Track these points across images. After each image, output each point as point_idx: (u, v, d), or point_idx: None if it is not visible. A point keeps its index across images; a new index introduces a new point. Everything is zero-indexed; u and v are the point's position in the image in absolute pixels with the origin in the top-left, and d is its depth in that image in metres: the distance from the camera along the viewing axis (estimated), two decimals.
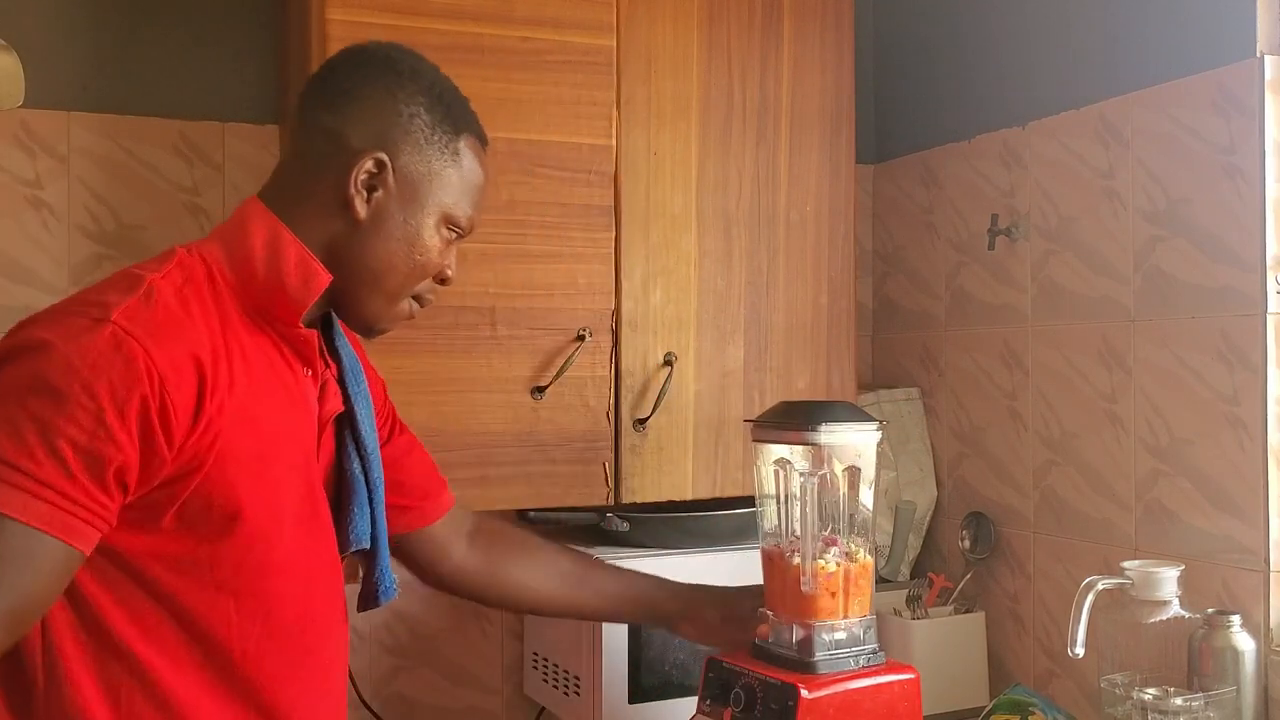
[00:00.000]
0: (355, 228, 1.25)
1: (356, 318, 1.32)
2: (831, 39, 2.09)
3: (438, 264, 1.31)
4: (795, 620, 1.65)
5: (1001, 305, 2.19)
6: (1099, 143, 1.98)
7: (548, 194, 1.86)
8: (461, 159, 1.30)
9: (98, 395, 1.04)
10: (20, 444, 1.02)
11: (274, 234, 1.23)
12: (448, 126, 1.29)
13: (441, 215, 1.29)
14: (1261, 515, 1.72)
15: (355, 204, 1.24)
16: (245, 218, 1.26)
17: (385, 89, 1.27)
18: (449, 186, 1.29)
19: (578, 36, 1.88)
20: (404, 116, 1.26)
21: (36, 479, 1.02)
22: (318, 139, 1.27)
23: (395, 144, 1.26)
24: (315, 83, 1.30)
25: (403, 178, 1.26)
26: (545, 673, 2.06)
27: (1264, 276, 1.71)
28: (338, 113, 1.26)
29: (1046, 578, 2.09)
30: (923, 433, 2.36)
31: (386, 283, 1.28)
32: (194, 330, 1.14)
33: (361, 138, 1.25)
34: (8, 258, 1.93)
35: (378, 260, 1.27)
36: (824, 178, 2.08)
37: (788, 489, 1.71)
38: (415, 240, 1.28)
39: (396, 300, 1.31)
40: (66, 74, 1.97)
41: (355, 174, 1.24)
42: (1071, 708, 1.99)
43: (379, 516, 1.40)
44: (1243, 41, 1.75)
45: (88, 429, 1.04)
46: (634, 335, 1.92)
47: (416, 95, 1.27)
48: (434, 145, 1.28)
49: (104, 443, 1.04)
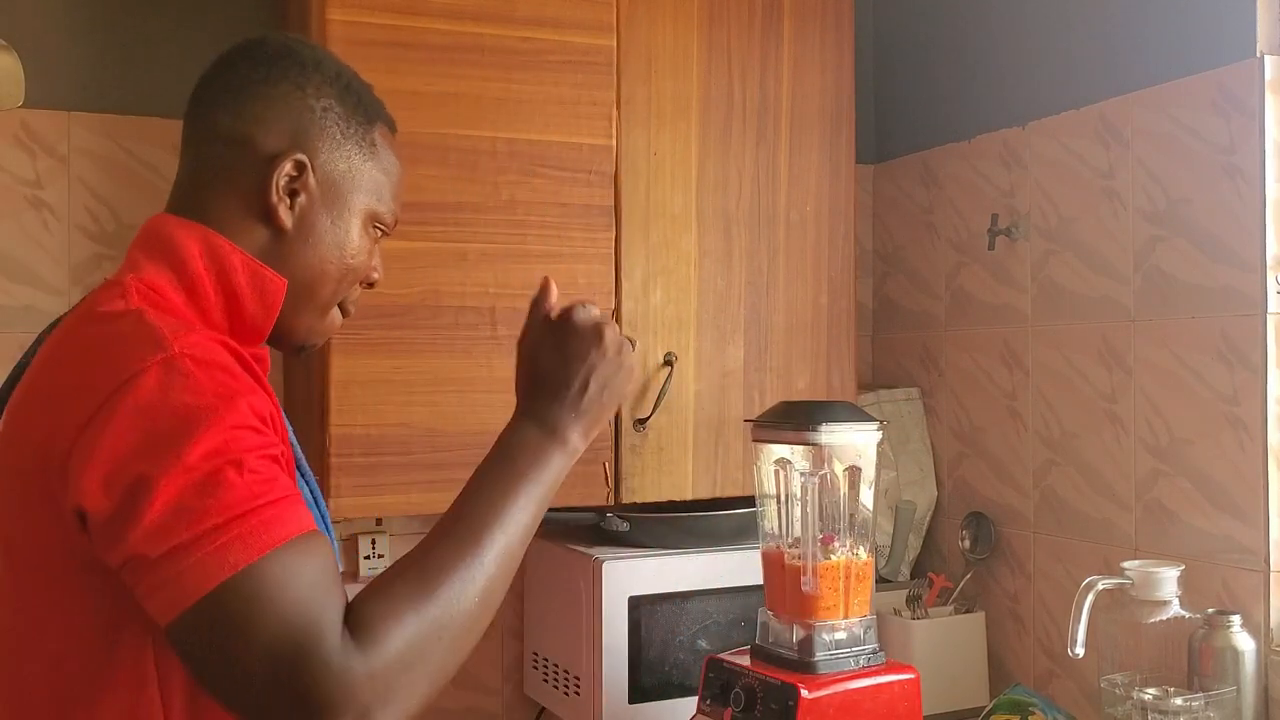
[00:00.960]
0: (280, 238, 1.15)
1: (287, 336, 1.20)
2: (831, 39, 2.09)
3: (367, 266, 1.23)
4: (795, 620, 1.65)
5: (1001, 305, 2.19)
6: (1099, 143, 1.98)
7: (548, 194, 1.87)
8: (379, 151, 1.21)
9: (242, 411, 0.98)
10: (229, 490, 0.95)
11: (210, 245, 1.12)
12: (361, 117, 1.20)
13: (367, 214, 1.20)
14: (1261, 515, 1.72)
15: (279, 212, 1.13)
16: (166, 234, 1.12)
17: (292, 83, 1.16)
18: (371, 182, 1.20)
19: (578, 36, 1.88)
20: (316, 112, 1.16)
21: (256, 504, 0.95)
22: (220, 145, 1.15)
23: (312, 142, 1.15)
24: (210, 83, 1.19)
25: (324, 178, 1.16)
26: (545, 673, 2.06)
27: (1264, 276, 1.71)
28: (242, 115, 1.15)
29: (1046, 578, 2.09)
30: (923, 433, 2.36)
31: (320, 293, 1.19)
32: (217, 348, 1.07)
33: (274, 139, 1.14)
34: (8, 258, 1.93)
35: (309, 270, 1.17)
36: (824, 178, 2.08)
37: (788, 489, 1.71)
38: (345, 243, 1.18)
39: (328, 311, 1.22)
40: (66, 74, 1.97)
41: (275, 180, 1.13)
42: (1071, 708, 1.99)
43: (334, 536, 1.38)
44: (1243, 41, 1.75)
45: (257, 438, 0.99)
46: (634, 335, 1.92)
47: (325, 87, 1.17)
48: (350, 139, 1.18)
49: (274, 444, 1.00)
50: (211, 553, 0.92)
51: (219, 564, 0.92)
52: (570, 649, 1.96)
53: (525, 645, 2.17)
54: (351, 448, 1.73)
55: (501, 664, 2.20)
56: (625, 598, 1.87)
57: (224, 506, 0.93)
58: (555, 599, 2.03)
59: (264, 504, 0.95)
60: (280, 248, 1.15)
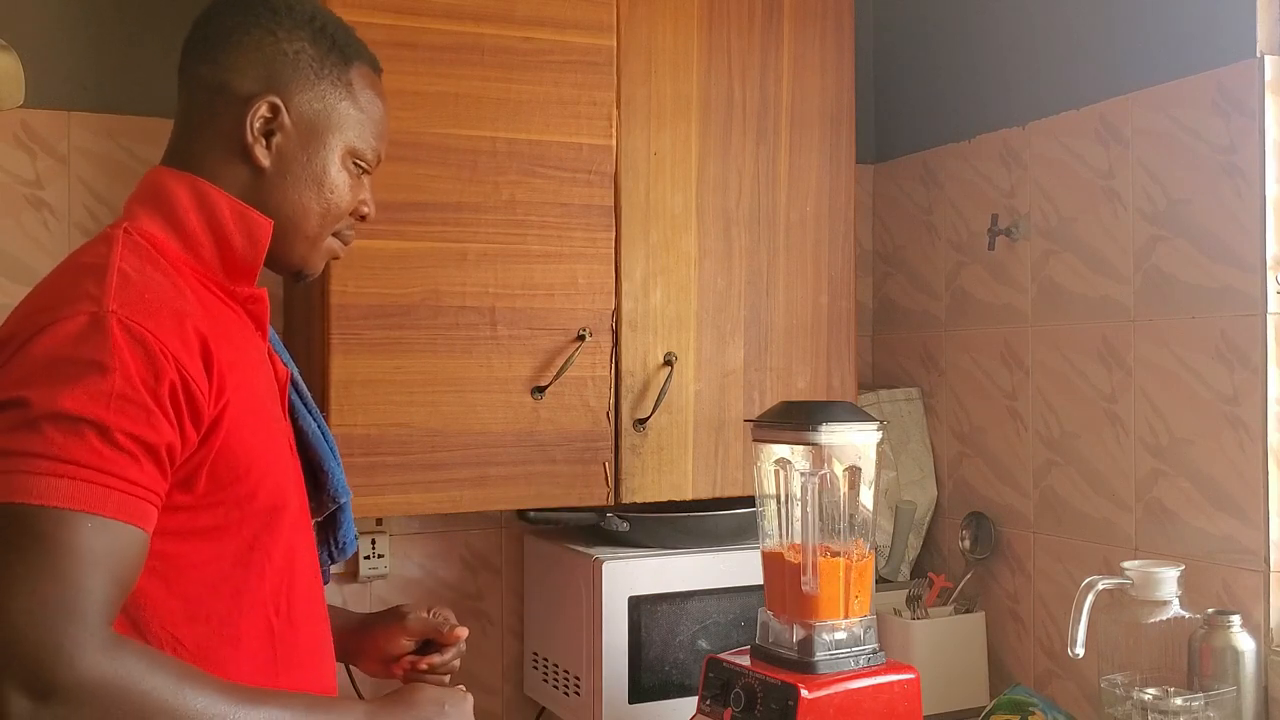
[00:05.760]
0: (261, 177, 1.23)
1: (284, 265, 1.29)
2: (831, 39, 2.09)
3: (350, 201, 1.29)
4: (795, 620, 1.65)
5: (1001, 305, 2.19)
6: (1099, 143, 1.98)
7: (548, 194, 1.87)
8: (356, 90, 1.27)
9: (138, 388, 1.04)
10: (83, 442, 1.01)
11: (198, 191, 1.21)
12: (336, 58, 1.26)
13: (345, 150, 1.26)
14: (1261, 515, 1.72)
15: (256, 152, 1.21)
16: (159, 185, 1.22)
17: (264, 29, 1.23)
18: (348, 120, 1.26)
19: (578, 36, 1.88)
20: (289, 55, 1.23)
21: (105, 471, 1.02)
22: (203, 94, 1.23)
23: (285, 85, 1.22)
24: (192, 36, 1.26)
25: (299, 118, 1.23)
26: (545, 673, 2.06)
27: (1264, 276, 1.71)
28: (219, 62, 1.22)
29: (1046, 578, 2.09)
30: (923, 433, 2.36)
31: (304, 227, 1.26)
32: (181, 301, 1.13)
33: (249, 84, 1.21)
34: (8, 257, 1.93)
35: (290, 205, 1.24)
36: (824, 178, 2.08)
37: (788, 489, 1.71)
38: (323, 180, 1.25)
39: (318, 242, 1.29)
40: (66, 74, 1.97)
41: (250, 122, 1.21)
42: (1071, 708, 1.99)
43: None
44: (1243, 41, 1.75)
45: (140, 420, 1.04)
46: (634, 335, 1.92)
47: (297, 30, 1.24)
48: (325, 80, 1.24)
49: (155, 429, 1.05)
50: (27, 474, 0.99)
51: (25, 487, 0.99)
52: (570, 649, 1.96)
53: (525, 645, 2.17)
54: (351, 448, 1.73)
55: (501, 664, 2.20)
56: (625, 598, 1.87)
57: (62, 449, 1.00)
58: (555, 599, 2.03)
59: (98, 470, 1.01)
60: (262, 186, 1.23)
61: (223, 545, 1.16)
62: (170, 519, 1.11)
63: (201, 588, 1.15)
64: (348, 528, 1.45)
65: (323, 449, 1.39)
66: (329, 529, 1.45)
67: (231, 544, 1.17)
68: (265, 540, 1.20)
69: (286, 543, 1.23)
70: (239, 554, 1.17)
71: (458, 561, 2.17)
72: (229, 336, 1.18)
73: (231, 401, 1.13)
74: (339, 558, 1.45)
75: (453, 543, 2.16)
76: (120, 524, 1.02)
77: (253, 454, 1.17)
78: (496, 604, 2.20)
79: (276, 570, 1.21)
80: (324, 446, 1.40)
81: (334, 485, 1.40)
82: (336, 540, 1.44)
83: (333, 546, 1.45)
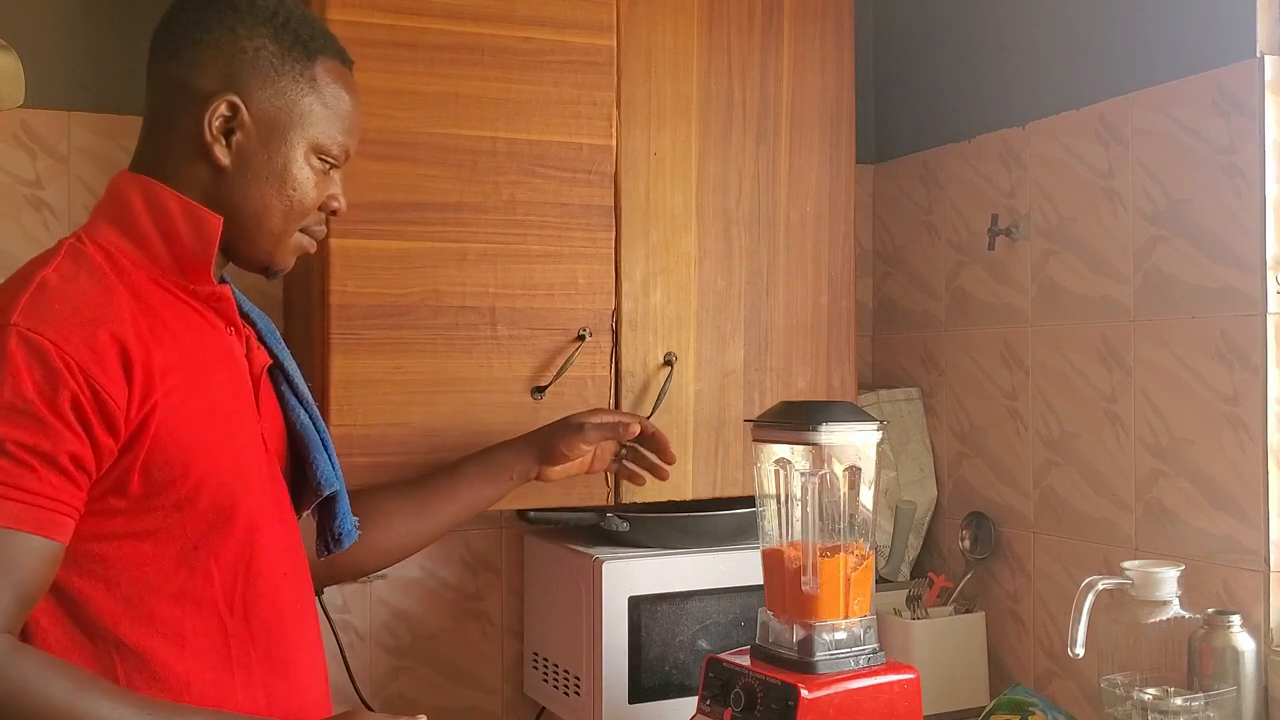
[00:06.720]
0: (222, 175, 1.23)
1: (251, 262, 1.30)
2: (831, 39, 2.09)
3: (316, 197, 1.28)
4: (795, 620, 1.65)
5: (1001, 305, 2.19)
6: (1099, 143, 1.98)
7: (548, 194, 1.86)
8: (320, 86, 1.26)
9: (30, 399, 1.05)
10: None
11: (149, 193, 1.22)
12: (299, 54, 1.25)
13: (309, 147, 1.26)
14: (1261, 515, 1.72)
15: (215, 151, 1.22)
16: (116, 190, 1.24)
17: (226, 26, 1.23)
18: (311, 116, 1.26)
19: (578, 36, 1.88)
20: (249, 52, 1.22)
21: (2, 483, 1.03)
22: (167, 92, 1.24)
23: (245, 83, 1.22)
24: (159, 33, 1.27)
25: (259, 116, 1.23)
26: (545, 673, 2.06)
27: (1264, 276, 1.71)
28: (181, 60, 1.23)
29: (1046, 578, 2.09)
30: (923, 433, 2.36)
31: (267, 224, 1.26)
32: (102, 308, 1.13)
33: (209, 82, 1.22)
34: (8, 257, 1.93)
35: (252, 203, 1.24)
36: (824, 178, 2.08)
37: (788, 489, 1.71)
38: (285, 177, 1.25)
39: (284, 238, 1.28)
40: (66, 74, 1.97)
41: (209, 120, 1.21)
42: (1071, 708, 1.99)
43: (334, 459, 1.42)
44: (1243, 41, 1.75)
45: (33, 430, 1.05)
46: (634, 335, 1.92)
47: (258, 28, 1.23)
48: (286, 76, 1.24)
49: (52, 439, 1.05)
50: None
51: None
52: (570, 649, 1.96)
53: (525, 645, 2.17)
54: (351, 448, 1.73)
55: (501, 664, 2.20)
56: (625, 598, 1.87)
57: None
58: (555, 599, 2.03)
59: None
60: (223, 184, 1.24)
61: (163, 547, 1.16)
62: (108, 522, 1.12)
63: (143, 589, 1.15)
64: (344, 519, 1.44)
65: (311, 439, 1.38)
66: (324, 521, 1.44)
67: (173, 545, 1.16)
68: (212, 541, 1.19)
69: (241, 542, 1.22)
70: (181, 555, 1.17)
71: (458, 561, 2.17)
72: (175, 337, 1.18)
73: (162, 405, 1.13)
74: (336, 549, 1.44)
75: (453, 543, 2.16)
76: (18, 533, 1.03)
77: (191, 455, 1.16)
78: (496, 604, 2.20)
79: (227, 570, 1.20)
80: (312, 436, 1.39)
81: (319, 476, 1.39)
82: (332, 532, 1.44)
83: (329, 538, 1.44)
